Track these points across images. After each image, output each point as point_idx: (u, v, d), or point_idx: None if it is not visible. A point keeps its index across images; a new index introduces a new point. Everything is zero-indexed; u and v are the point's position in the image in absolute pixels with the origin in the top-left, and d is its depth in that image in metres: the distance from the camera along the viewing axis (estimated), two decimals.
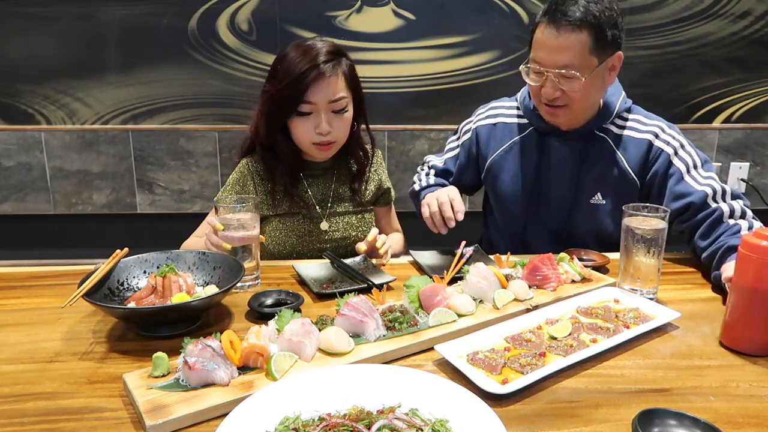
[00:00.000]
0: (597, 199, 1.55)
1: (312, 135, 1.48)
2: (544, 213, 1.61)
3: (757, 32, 2.71)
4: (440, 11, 2.65)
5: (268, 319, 1.02)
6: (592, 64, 1.39)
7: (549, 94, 1.43)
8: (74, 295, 1.03)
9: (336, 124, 1.48)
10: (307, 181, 1.60)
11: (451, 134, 1.80)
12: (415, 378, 0.86)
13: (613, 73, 1.46)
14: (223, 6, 2.61)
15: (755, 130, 2.84)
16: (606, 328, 1.06)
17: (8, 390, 0.90)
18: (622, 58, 1.44)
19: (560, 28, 1.36)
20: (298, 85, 1.42)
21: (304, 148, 1.53)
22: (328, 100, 1.45)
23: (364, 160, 1.64)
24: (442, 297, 1.10)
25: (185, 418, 0.80)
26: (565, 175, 1.56)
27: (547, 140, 1.57)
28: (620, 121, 1.55)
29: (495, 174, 1.64)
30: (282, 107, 1.46)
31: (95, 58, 2.65)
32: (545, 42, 1.39)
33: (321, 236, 1.57)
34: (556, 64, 1.39)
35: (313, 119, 1.46)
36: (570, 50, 1.37)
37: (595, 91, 1.45)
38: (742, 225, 1.35)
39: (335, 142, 1.52)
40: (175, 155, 2.77)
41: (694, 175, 1.44)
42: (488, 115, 1.69)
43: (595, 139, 1.54)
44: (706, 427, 0.78)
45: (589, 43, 1.37)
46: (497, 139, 1.65)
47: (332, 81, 1.44)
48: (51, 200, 2.81)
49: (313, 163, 1.60)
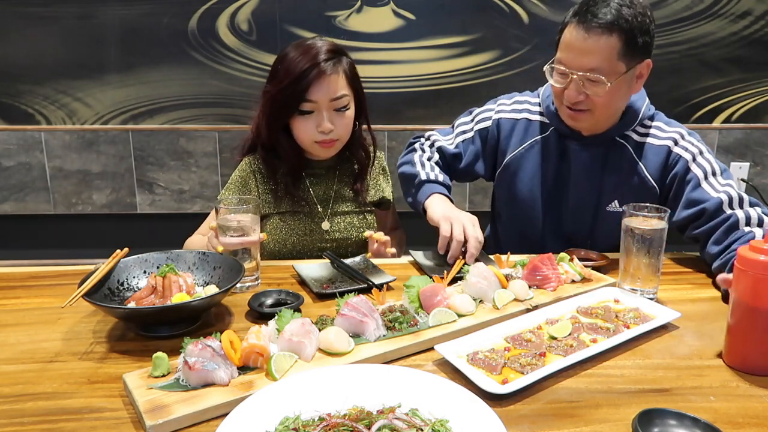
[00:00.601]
0: (613, 207, 1.52)
1: (314, 134, 1.48)
2: (560, 216, 1.58)
3: (757, 32, 2.71)
4: (440, 11, 2.65)
5: (268, 319, 1.02)
6: (620, 70, 1.35)
7: (572, 97, 1.39)
8: (74, 295, 1.03)
9: (338, 122, 1.48)
10: (309, 180, 1.60)
11: (463, 115, 1.72)
12: (415, 378, 0.86)
13: (640, 81, 1.43)
14: (223, 6, 2.61)
15: (755, 130, 2.84)
16: (606, 328, 1.06)
17: (8, 390, 0.90)
18: (650, 66, 1.41)
19: (590, 30, 1.32)
20: (299, 84, 1.42)
21: (307, 147, 1.53)
22: (329, 99, 1.45)
23: (365, 159, 1.64)
24: (442, 297, 1.10)
25: (185, 418, 0.80)
26: (584, 181, 1.53)
27: (568, 144, 1.54)
28: (641, 129, 1.52)
29: (513, 172, 1.60)
30: (283, 107, 1.46)
31: (95, 58, 2.65)
32: (573, 43, 1.35)
33: (322, 236, 1.57)
34: (582, 66, 1.35)
35: (314, 118, 1.47)
36: (598, 54, 1.33)
37: (619, 98, 1.42)
38: (757, 233, 1.30)
39: (338, 140, 1.52)
40: (175, 155, 2.77)
41: (712, 182, 1.40)
42: (513, 108, 1.63)
43: (616, 146, 1.51)
44: (706, 427, 0.78)
45: (618, 48, 1.33)
46: (519, 135, 1.60)
47: (333, 79, 1.44)
48: (51, 200, 2.81)
49: (315, 162, 1.60)
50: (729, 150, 2.85)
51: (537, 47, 2.68)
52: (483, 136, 1.65)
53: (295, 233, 1.57)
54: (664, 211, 1.19)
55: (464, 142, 1.66)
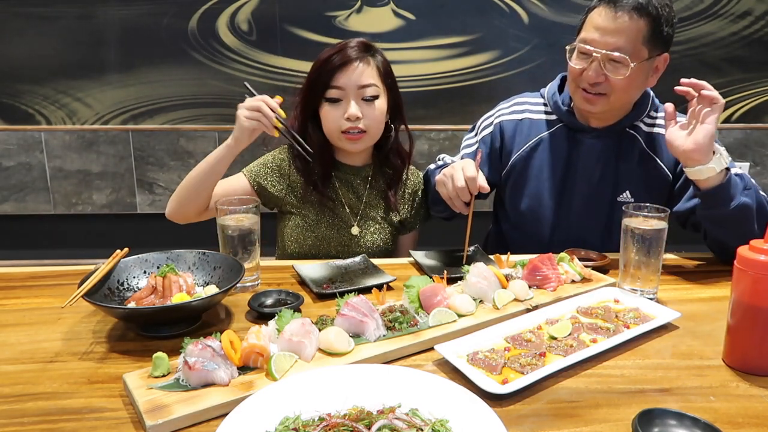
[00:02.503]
0: (625, 197, 1.54)
1: (341, 122, 1.48)
2: (571, 209, 1.58)
3: (757, 32, 2.71)
4: (440, 11, 2.65)
5: (268, 319, 1.02)
6: (643, 55, 1.38)
7: (592, 77, 1.41)
8: (74, 295, 1.03)
9: (367, 111, 1.48)
10: (340, 183, 1.59)
11: (467, 132, 1.75)
12: (415, 378, 0.86)
13: (656, 75, 1.46)
14: (223, 6, 2.61)
15: (755, 130, 2.84)
16: (606, 328, 1.06)
17: (8, 390, 0.90)
18: (667, 61, 1.44)
19: (621, 10, 1.35)
20: (325, 70, 1.46)
21: (334, 139, 1.53)
22: (356, 86, 1.46)
23: (400, 165, 1.62)
24: (442, 297, 1.10)
25: (185, 418, 0.80)
26: (595, 172, 1.54)
27: (578, 137, 1.55)
28: (649, 120, 1.55)
29: (520, 171, 1.61)
30: (311, 93, 1.49)
31: (95, 58, 2.65)
32: (600, 23, 1.38)
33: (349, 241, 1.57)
34: (607, 45, 1.37)
35: (342, 106, 1.48)
36: (625, 33, 1.36)
37: (635, 87, 1.44)
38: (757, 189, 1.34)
39: (366, 132, 1.50)
40: (175, 155, 2.77)
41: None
42: (513, 110, 1.65)
43: (627, 137, 1.53)
44: (706, 427, 0.78)
45: (645, 32, 1.36)
46: (523, 135, 1.61)
47: (361, 67, 1.46)
48: (51, 200, 2.81)
49: (347, 167, 1.60)
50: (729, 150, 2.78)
51: (537, 47, 2.68)
52: (488, 142, 1.66)
53: (320, 239, 1.56)
54: (664, 211, 1.19)
55: (469, 153, 1.68)
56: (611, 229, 1.55)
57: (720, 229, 1.35)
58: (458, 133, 2.78)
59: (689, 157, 1.28)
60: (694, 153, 1.27)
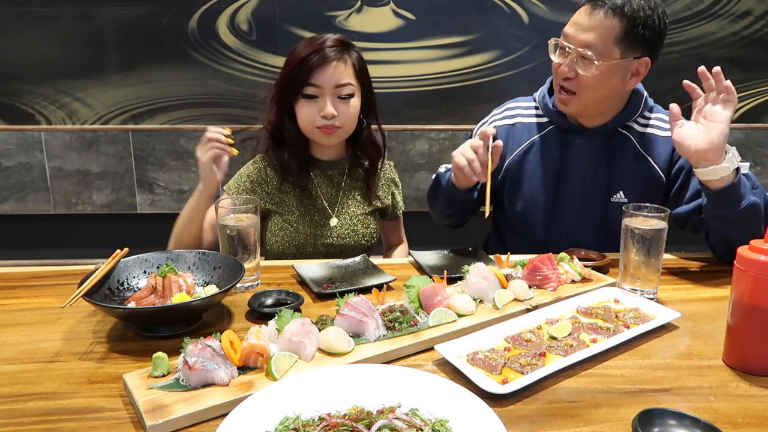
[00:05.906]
0: (618, 197, 1.54)
1: (316, 119, 1.50)
2: (565, 210, 1.59)
3: (757, 32, 2.71)
4: (440, 11, 2.65)
5: (268, 319, 1.02)
6: (613, 55, 1.39)
7: (563, 71, 1.43)
8: (74, 295, 1.03)
9: (342, 109, 1.50)
10: (318, 181, 1.61)
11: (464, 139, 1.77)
12: (415, 378, 0.86)
13: (635, 78, 1.45)
14: (223, 6, 2.61)
15: (755, 130, 2.84)
16: (606, 328, 1.06)
17: (8, 390, 0.90)
18: (648, 66, 1.44)
19: (596, 8, 1.38)
20: (303, 68, 1.46)
21: (308, 133, 1.55)
22: (333, 85, 1.48)
23: (376, 156, 1.65)
24: (442, 297, 1.10)
25: (185, 418, 0.80)
26: (588, 172, 1.55)
27: (570, 138, 1.56)
28: (642, 120, 1.55)
29: (514, 175, 1.62)
30: (288, 89, 1.50)
31: (95, 58, 2.65)
32: (577, 18, 1.41)
33: (328, 233, 1.58)
34: (579, 41, 1.40)
35: (318, 103, 1.49)
36: (596, 31, 1.38)
37: (606, 87, 1.44)
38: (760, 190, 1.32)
39: (341, 128, 1.53)
40: (175, 155, 2.77)
41: None
42: (505, 115, 1.67)
43: (619, 137, 1.53)
44: (706, 427, 0.78)
45: (616, 32, 1.37)
46: (516, 139, 1.62)
47: (339, 67, 1.47)
48: (51, 200, 2.81)
49: (323, 162, 1.62)
50: None
51: (537, 47, 2.68)
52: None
53: (300, 234, 1.57)
54: (664, 211, 1.19)
55: None
56: (606, 229, 1.56)
57: (728, 228, 1.33)
58: (458, 133, 2.78)
59: (703, 157, 1.25)
60: (708, 153, 1.24)
